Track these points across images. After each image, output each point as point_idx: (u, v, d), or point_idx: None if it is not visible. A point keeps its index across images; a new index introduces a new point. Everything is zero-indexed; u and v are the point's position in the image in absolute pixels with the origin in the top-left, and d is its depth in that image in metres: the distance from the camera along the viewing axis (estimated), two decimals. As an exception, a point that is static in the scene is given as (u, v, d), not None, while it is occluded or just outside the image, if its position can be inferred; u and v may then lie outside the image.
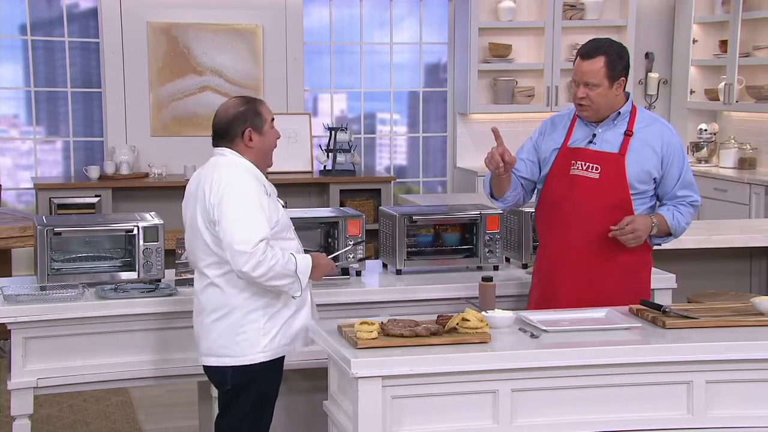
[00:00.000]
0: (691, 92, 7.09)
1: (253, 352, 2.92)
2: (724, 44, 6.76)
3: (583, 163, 3.21)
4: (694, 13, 6.97)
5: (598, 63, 3.14)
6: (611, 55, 3.15)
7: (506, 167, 3.14)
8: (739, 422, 2.74)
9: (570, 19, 6.94)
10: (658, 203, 3.28)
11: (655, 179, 3.21)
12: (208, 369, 3.00)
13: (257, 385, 2.95)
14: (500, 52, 6.92)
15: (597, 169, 3.19)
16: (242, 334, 2.91)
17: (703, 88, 7.05)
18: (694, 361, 2.71)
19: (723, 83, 6.71)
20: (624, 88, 3.22)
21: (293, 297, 2.93)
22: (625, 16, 6.99)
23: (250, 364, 2.92)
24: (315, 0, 6.90)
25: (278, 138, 3.07)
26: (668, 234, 3.22)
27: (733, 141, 6.73)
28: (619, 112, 3.22)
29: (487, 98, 7.01)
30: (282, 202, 3.06)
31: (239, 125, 2.95)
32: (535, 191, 3.37)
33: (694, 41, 7.00)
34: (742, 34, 6.55)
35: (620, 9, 7.05)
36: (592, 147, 3.21)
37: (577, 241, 3.20)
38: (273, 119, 3.05)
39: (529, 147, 3.39)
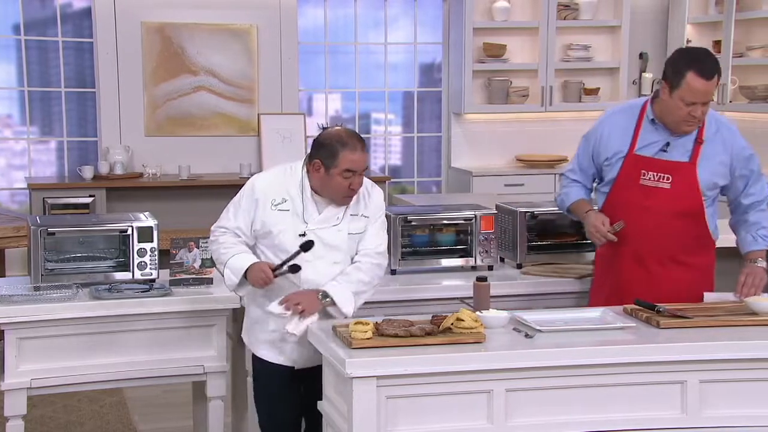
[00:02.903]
0: (685, 92, 7.10)
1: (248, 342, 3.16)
2: (717, 44, 6.77)
3: (654, 173, 3.20)
4: (688, 14, 6.99)
5: (715, 82, 3.12)
6: (720, 72, 3.14)
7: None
8: (732, 422, 2.75)
9: (564, 19, 6.94)
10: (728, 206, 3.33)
11: (722, 186, 3.23)
12: None
13: (255, 375, 3.14)
14: (495, 52, 6.92)
15: (668, 179, 3.19)
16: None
17: (696, 88, 7.06)
18: (688, 360, 2.72)
19: (717, 83, 6.72)
20: None
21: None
22: (619, 17, 7.00)
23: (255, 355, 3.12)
24: (309, 0, 6.90)
25: (350, 188, 2.94)
26: None
27: (726, 141, 6.75)
28: None
29: (482, 98, 7.01)
30: (302, 231, 2.95)
31: (315, 151, 2.96)
32: (598, 192, 3.38)
33: (688, 41, 7.01)
34: (735, 34, 6.56)
35: (614, 9, 7.06)
36: (663, 156, 3.20)
37: (651, 249, 3.22)
38: (352, 172, 2.91)
39: (588, 154, 3.34)
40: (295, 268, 2.93)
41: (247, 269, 2.93)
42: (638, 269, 3.25)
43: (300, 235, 2.95)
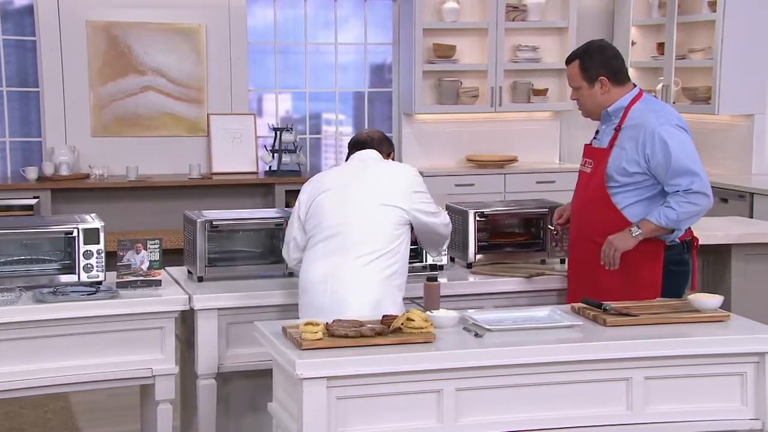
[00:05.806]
0: (631, 93, 7.23)
1: None
2: (661, 46, 6.90)
3: (584, 159, 3.47)
4: (632, 16, 7.11)
5: (574, 67, 3.36)
6: (583, 57, 3.35)
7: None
8: (676, 417, 2.81)
9: (513, 20, 7.01)
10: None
11: (638, 172, 3.24)
12: None
13: None
14: (444, 52, 6.96)
15: (591, 164, 3.41)
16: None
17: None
18: (633, 358, 2.77)
19: (660, 84, 6.86)
20: (611, 85, 3.33)
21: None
22: (566, 18, 7.09)
23: None
24: (258, 0, 6.87)
25: None
26: (669, 230, 3.25)
27: (671, 141, 6.87)
28: (608, 110, 3.35)
29: (432, 98, 7.05)
30: None
31: (387, 147, 3.38)
32: None
33: (633, 43, 7.14)
34: (677, 36, 6.70)
35: (561, 11, 7.15)
36: (594, 143, 3.44)
37: (576, 234, 3.47)
38: None
39: None
40: None
41: None
42: (573, 251, 3.50)
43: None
